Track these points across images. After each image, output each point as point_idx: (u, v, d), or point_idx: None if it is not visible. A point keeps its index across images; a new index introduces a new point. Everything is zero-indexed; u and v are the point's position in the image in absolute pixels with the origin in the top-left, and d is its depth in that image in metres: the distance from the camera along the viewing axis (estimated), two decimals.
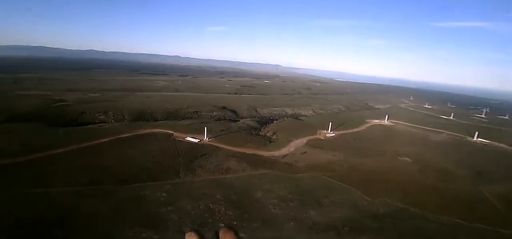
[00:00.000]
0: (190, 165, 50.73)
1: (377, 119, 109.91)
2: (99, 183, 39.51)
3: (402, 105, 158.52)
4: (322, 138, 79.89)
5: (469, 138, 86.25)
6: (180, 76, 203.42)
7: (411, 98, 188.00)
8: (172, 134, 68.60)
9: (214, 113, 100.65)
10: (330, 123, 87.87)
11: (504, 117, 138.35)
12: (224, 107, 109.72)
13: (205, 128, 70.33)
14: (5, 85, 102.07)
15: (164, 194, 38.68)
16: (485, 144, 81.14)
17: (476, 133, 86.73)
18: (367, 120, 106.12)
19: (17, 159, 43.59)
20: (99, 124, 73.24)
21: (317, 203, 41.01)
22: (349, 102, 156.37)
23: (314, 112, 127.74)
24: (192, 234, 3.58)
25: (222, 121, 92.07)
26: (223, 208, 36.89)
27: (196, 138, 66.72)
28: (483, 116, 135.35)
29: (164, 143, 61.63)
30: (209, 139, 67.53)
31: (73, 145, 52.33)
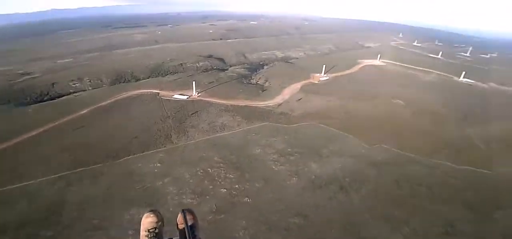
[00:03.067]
0: (182, 127, 47.78)
1: (368, 59, 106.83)
2: (85, 163, 35.85)
3: (392, 43, 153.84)
4: (316, 82, 77.29)
5: (455, 78, 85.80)
6: (158, 26, 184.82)
7: (401, 35, 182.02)
8: (158, 93, 63.78)
9: (201, 64, 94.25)
10: (324, 66, 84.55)
11: (487, 55, 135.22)
12: (210, 56, 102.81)
13: (193, 82, 65.75)
14: None
15: (158, 164, 36.32)
16: (470, 85, 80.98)
17: (463, 73, 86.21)
18: (359, 61, 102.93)
19: None
20: (74, 94, 65.13)
21: (317, 155, 40.40)
22: (339, 41, 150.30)
23: (304, 53, 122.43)
24: (151, 214, 3.74)
25: (209, 72, 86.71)
26: (223, 172, 35.45)
27: (184, 95, 62.56)
28: (468, 55, 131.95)
29: (151, 105, 57.39)
30: (199, 94, 63.63)
31: (49, 124, 46.43)
